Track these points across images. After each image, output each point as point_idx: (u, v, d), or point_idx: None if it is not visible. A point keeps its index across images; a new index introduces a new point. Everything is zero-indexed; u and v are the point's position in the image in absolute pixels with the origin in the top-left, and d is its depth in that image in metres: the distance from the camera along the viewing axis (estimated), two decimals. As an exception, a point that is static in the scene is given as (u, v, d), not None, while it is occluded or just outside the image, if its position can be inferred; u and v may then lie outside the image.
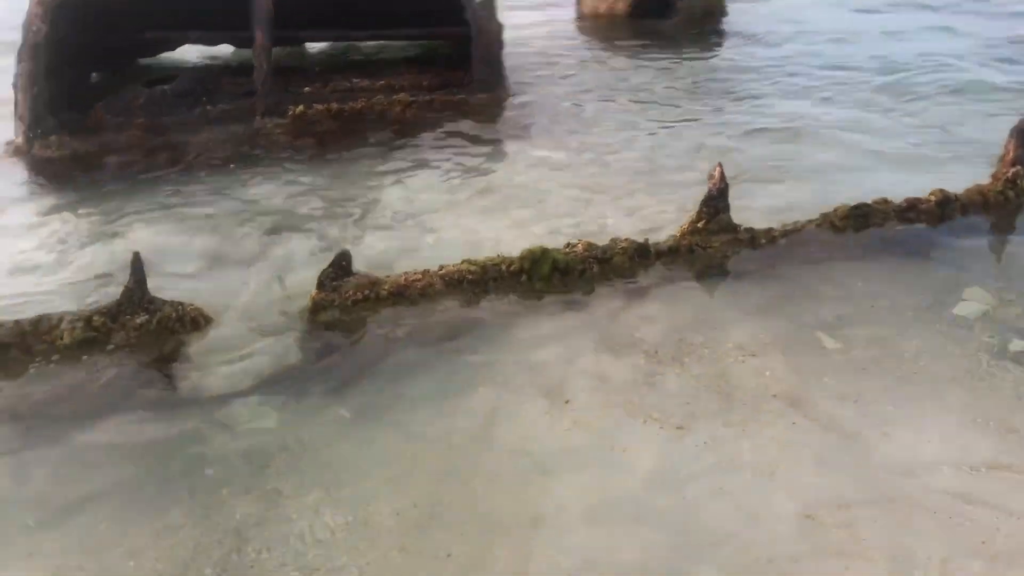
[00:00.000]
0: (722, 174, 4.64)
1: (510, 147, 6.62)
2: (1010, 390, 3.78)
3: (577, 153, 6.47)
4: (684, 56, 8.73)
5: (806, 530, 3.07)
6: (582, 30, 9.96)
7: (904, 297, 4.48)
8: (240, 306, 4.43)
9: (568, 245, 4.63)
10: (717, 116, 7.17)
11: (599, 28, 9.83)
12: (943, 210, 5.00)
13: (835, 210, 4.92)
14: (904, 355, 4.06)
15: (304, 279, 4.68)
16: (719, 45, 9.29)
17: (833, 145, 6.50)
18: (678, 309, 4.41)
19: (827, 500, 3.20)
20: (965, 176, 5.49)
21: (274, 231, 5.35)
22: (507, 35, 7.74)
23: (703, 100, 7.58)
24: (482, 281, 4.45)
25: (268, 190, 5.96)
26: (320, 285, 4.26)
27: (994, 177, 5.19)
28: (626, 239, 4.67)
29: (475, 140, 6.75)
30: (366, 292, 4.28)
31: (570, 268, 4.53)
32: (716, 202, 4.69)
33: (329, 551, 3.01)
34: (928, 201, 5.00)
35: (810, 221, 4.91)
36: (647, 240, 4.70)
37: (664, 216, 5.36)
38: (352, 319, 4.28)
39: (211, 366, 4.01)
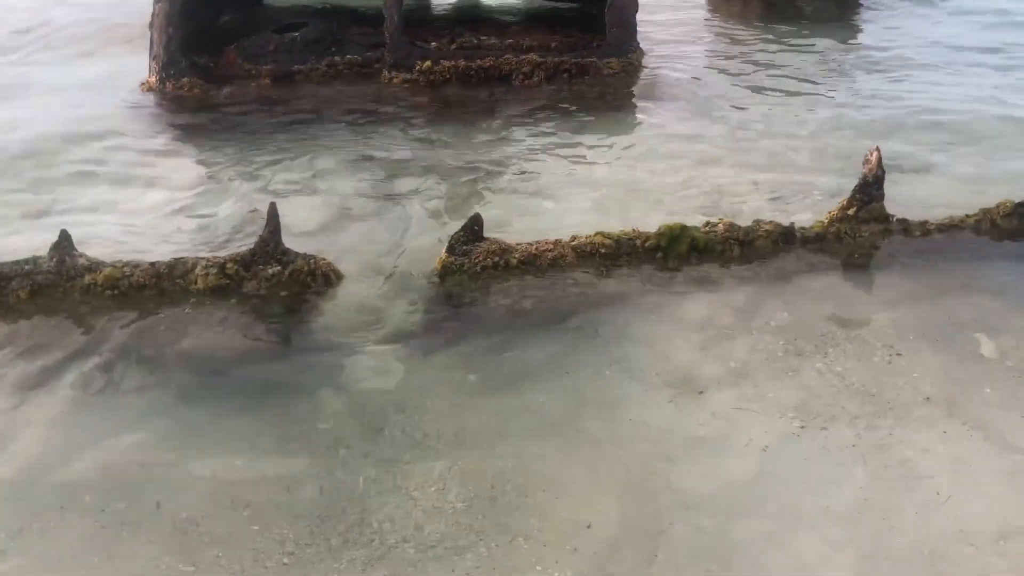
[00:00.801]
0: (879, 159, 4.34)
1: (641, 115, 6.40)
2: None
3: (712, 125, 6.20)
4: (823, 31, 8.28)
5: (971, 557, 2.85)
6: (714, 13, 9.58)
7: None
8: (369, 264, 4.37)
9: (708, 224, 4.42)
10: (860, 97, 6.75)
11: (731, 10, 9.43)
12: (1119, 213, 4.59)
13: (997, 206, 4.57)
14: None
15: (429, 240, 4.61)
16: (863, 21, 8.78)
17: (988, 135, 6.04)
18: (822, 298, 4.16)
19: (993, 526, 2.95)
20: None
21: (397, 189, 5.29)
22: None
23: (846, 78, 7.17)
24: (615, 255, 4.29)
25: (393, 146, 5.90)
26: (450, 249, 4.17)
27: None
28: (770, 222, 4.42)
29: (604, 106, 6.54)
30: (496, 259, 4.17)
31: (709, 248, 4.33)
32: (870, 189, 4.40)
33: (453, 528, 2.92)
34: (1104, 202, 4.59)
35: (969, 216, 4.57)
36: (792, 224, 4.44)
37: (806, 200, 5.09)
38: (479, 285, 4.17)
39: (339, 321, 3.97)
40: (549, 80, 6.87)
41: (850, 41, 8.15)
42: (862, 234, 4.44)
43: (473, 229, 4.18)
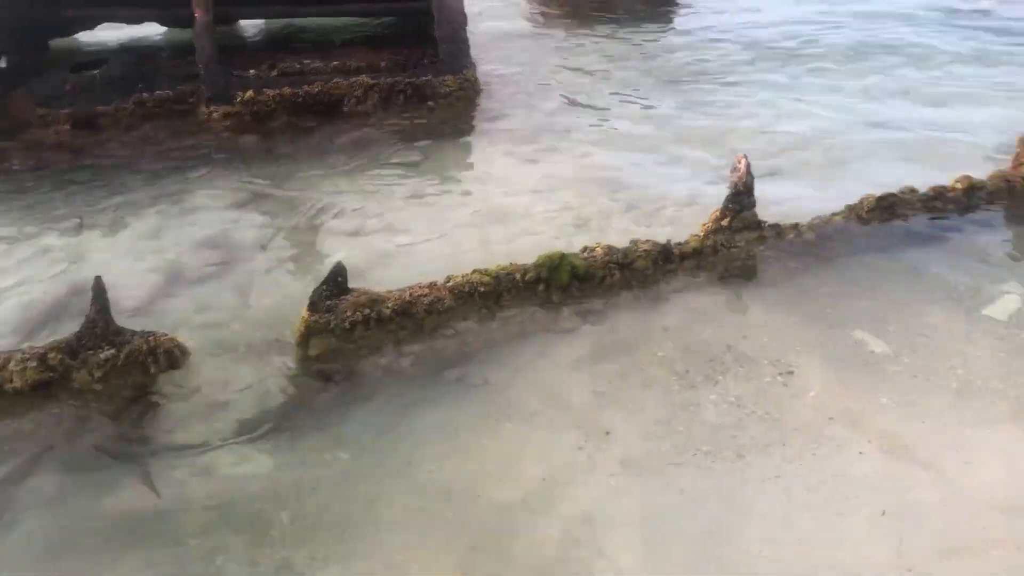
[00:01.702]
0: (748, 167, 4.23)
1: (484, 137, 6.10)
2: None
3: (558, 143, 5.99)
4: (654, 33, 8.30)
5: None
6: (539, 13, 9.45)
7: (938, 295, 4.18)
8: (217, 334, 3.85)
9: (585, 249, 4.17)
10: (695, 104, 6.73)
11: (561, 9, 9.34)
12: (969, 198, 4.71)
13: (861, 201, 4.59)
14: (954, 362, 3.75)
15: (279, 297, 4.14)
16: (683, 21, 8.87)
17: (825, 134, 6.15)
18: (706, 319, 4.00)
19: (927, 548, 2.84)
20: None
21: (234, 241, 4.75)
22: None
23: (677, 85, 7.16)
24: (496, 293, 3.96)
25: (221, 191, 5.32)
26: (313, 306, 3.71)
27: (1016, 161, 4.92)
28: (647, 241, 4.23)
29: (445, 129, 6.21)
30: (366, 312, 3.74)
31: (590, 275, 4.07)
32: (741, 198, 4.28)
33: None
34: (954, 189, 4.69)
35: (836, 214, 4.56)
36: (669, 241, 4.27)
37: (666, 213, 4.96)
38: (350, 344, 3.74)
39: (191, 411, 3.44)
40: (384, 103, 6.47)
41: (676, 46, 8.17)
42: (737, 244, 4.32)
43: (336, 281, 3.74)
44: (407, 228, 4.87)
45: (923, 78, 7.25)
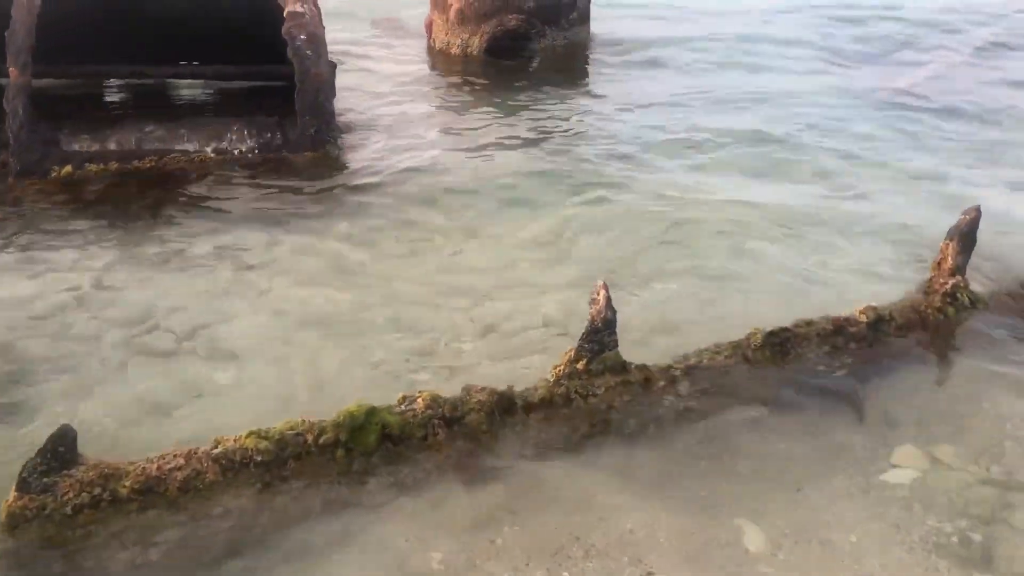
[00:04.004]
0: (607, 298, 3.48)
1: (338, 229, 5.24)
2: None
3: (425, 240, 5.18)
4: (552, 109, 7.58)
5: None
6: (434, 70, 8.73)
7: (832, 461, 3.48)
8: None
9: (404, 399, 3.35)
10: (606, 187, 5.95)
11: (453, 69, 8.62)
12: (875, 332, 4.03)
13: (748, 338, 3.87)
14: (845, 554, 3.03)
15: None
16: (587, 95, 8.19)
17: (718, 231, 5.42)
18: (554, 496, 3.21)
19: None
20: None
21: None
22: (346, 75, 6.48)
23: (588, 163, 6.41)
24: (279, 462, 3.11)
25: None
26: (22, 485, 2.82)
27: (929, 287, 4.27)
28: (484, 388, 3.43)
29: (292, 220, 5.34)
30: (98, 491, 2.86)
31: (407, 434, 3.25)
32: (600, 335, 3.52)
33: None
34: (858, 322, 4.01)
35: (717, 352, 3.83)
36: (511, 388, 3.48)
37: (534, 335, 4.20)
38: (76, 534, 2.85)
39: None
40: (225, 183, 5.62)
41: (586, 112, 7.46)
42: (596, 392, 3.55)
43: (57, 451, 2.86)
44: (233, 350, 4.03)
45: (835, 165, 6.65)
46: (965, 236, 4.09)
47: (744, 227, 5.36)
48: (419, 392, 3.36)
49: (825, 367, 3.89)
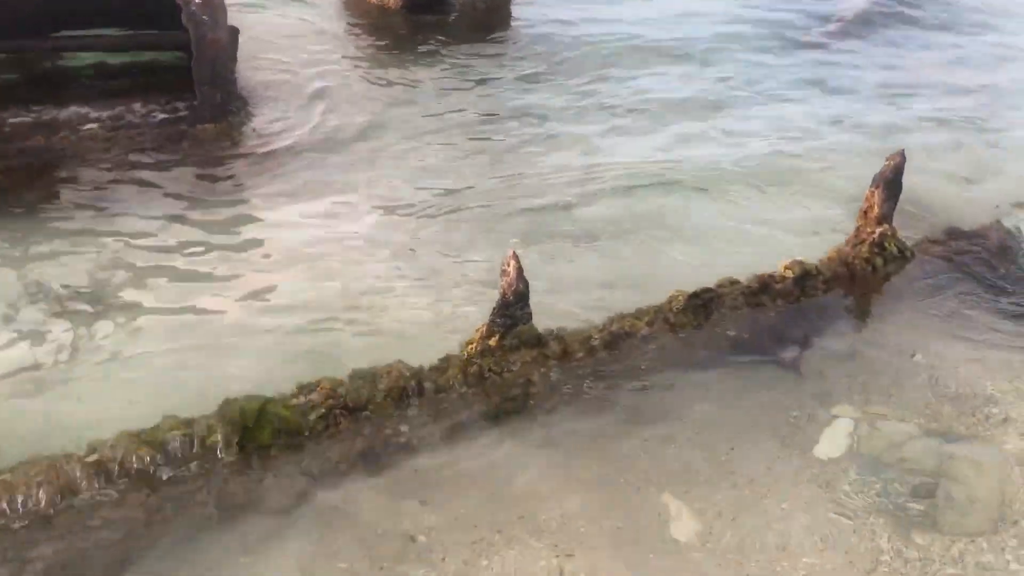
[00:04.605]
0: (519, 271, 3.25)
1: (243, 205, 4.91)
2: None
3: (341, 211, 4.87)
4: (470, 68, 7.27)
5: None
6: (349, 29, 8.32)
7: (762, 428, 3.33)
8: None
9: (301, 389, 3.10)
10: (512, 152, 5.70)
11: (368, 25, 8.22)
12: (802, 288, 3.88)
13: (670, 301, 3.68)
14: (777, 524, 2.90)
15: None
16: (508, 55, 7.87)
17: (646, 190, 5.22)
18: (471, 481, 3.02)
19: None
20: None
21: None
22: (251, 38, 6.09)
23: (496, 126, 6.13)
24: (161, 466, 2.84)
25: None
26: None
27: (856, 237, 4.13)
28: (393, 368, 3.20)
29: (195, 196, 4.98)
30: (-46, 513, 2.57)
31: (305, 426, 3.01)
32: (512, 309, 3.30)
33: None
34: (784, 278, 3.85)
35: (639, 317, 3.64)
36: (420, 369, 3.25)
37: (461, 293, 3.98)
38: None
39: None
40: (122, 161, 5.24)
41: (515, 73, 7.13)
42: (512, 368, 3.33)
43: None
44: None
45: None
46: (890, 183, 3.94)
47: (668, 186, 5.17)
48: (318, 381, 3.11)
49: (752, 326, 3.73)
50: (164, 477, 2.83)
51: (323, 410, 3.03)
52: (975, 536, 2.92)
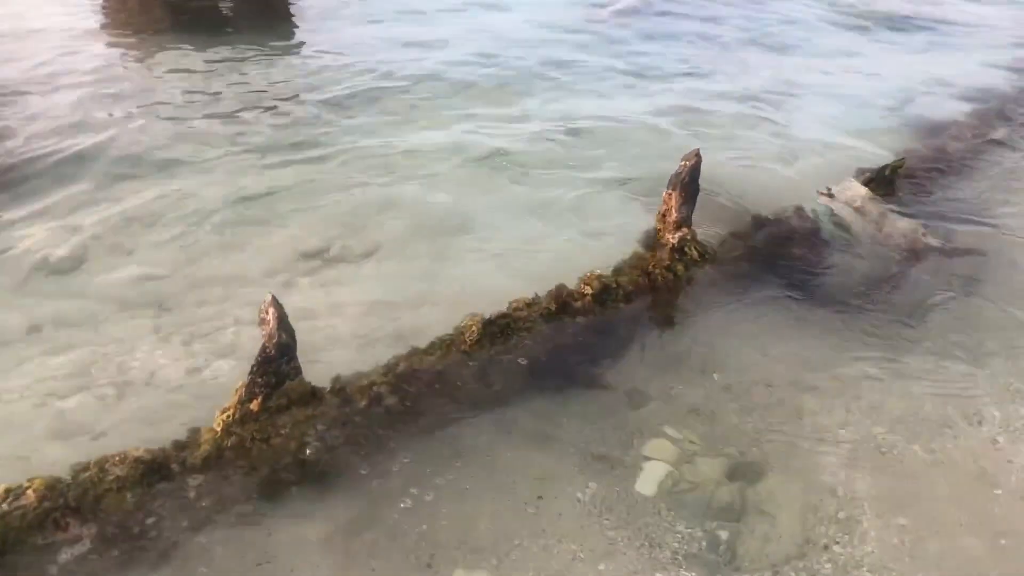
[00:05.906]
0: (280, 320, 2.77)
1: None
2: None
3: (92, 235, 4.22)
4: (251, 60, 6.62)
5: None
6: (107, 19, 7.44)
7: (573, 471, 3.01)
8: None
9: (8, 492, 2.50)
10: (300, 149, 5.18)
11: (129, 18, 7.38)
12: (603, 304, 3.60)
13: (462, 331, 3.31)
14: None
15: None
16: (289, 43, 7.26)
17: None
18: (225, 570, 2.53)
19: None
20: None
21: None
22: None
23: (285, 123, 5.56)
24: None
25: None
26: None
27: (656, 242, 3.89)
28: (125, 458, 2.64)
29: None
30: None
31: (19, 540, 2.43)
32: (275, 365, 2.82)
33: None
34: (583, 295, 3.56)
35: (429, 352, 3.25)
36: (164, 451, 2.71)
37: (224, 339, 3.44)
38: None
39: None
40: None
41: (299, 74, 6.50)
42: (282, 431, 2.86)
43: None
44: None
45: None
46: (687, 185, 3.71)
47: (470, 178, 4.84)
48: (30, 481, 2.52)
49: (553, 350, 3.41)
50: None
51: (38, 515, 2.44)
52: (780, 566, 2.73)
